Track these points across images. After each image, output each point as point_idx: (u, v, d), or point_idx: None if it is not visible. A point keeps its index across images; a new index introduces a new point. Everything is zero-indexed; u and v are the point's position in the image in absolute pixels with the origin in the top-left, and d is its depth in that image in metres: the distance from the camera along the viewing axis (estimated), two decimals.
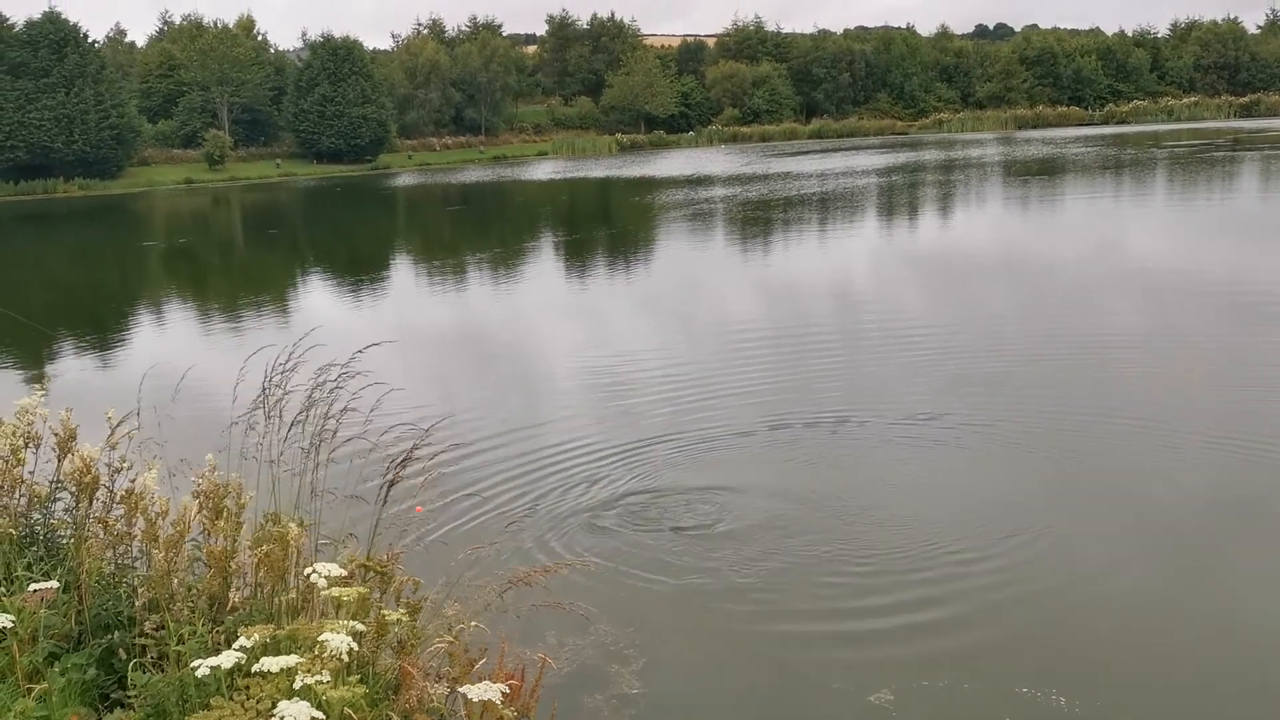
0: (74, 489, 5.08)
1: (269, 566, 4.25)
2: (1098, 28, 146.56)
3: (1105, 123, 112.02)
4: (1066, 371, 13.54)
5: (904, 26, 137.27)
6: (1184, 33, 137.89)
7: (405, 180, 73.17)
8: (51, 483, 5.28)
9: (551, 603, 5.82)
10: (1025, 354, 14.65)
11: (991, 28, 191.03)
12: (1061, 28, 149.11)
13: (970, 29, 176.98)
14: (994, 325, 16.82)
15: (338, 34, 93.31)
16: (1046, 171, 49.41)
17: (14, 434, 5.20)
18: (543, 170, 75.93)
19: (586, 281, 24.87)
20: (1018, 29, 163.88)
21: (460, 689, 3.52)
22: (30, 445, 5.26)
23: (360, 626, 3.59)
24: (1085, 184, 42.77)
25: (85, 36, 76.85)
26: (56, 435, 5.09)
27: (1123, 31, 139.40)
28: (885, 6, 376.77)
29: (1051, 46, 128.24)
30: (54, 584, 4.54)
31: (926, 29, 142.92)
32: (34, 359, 17.68)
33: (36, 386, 5.58)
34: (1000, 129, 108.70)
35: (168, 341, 19.29)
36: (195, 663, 3.49)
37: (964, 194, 41.36)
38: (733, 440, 11.10)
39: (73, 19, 76.34)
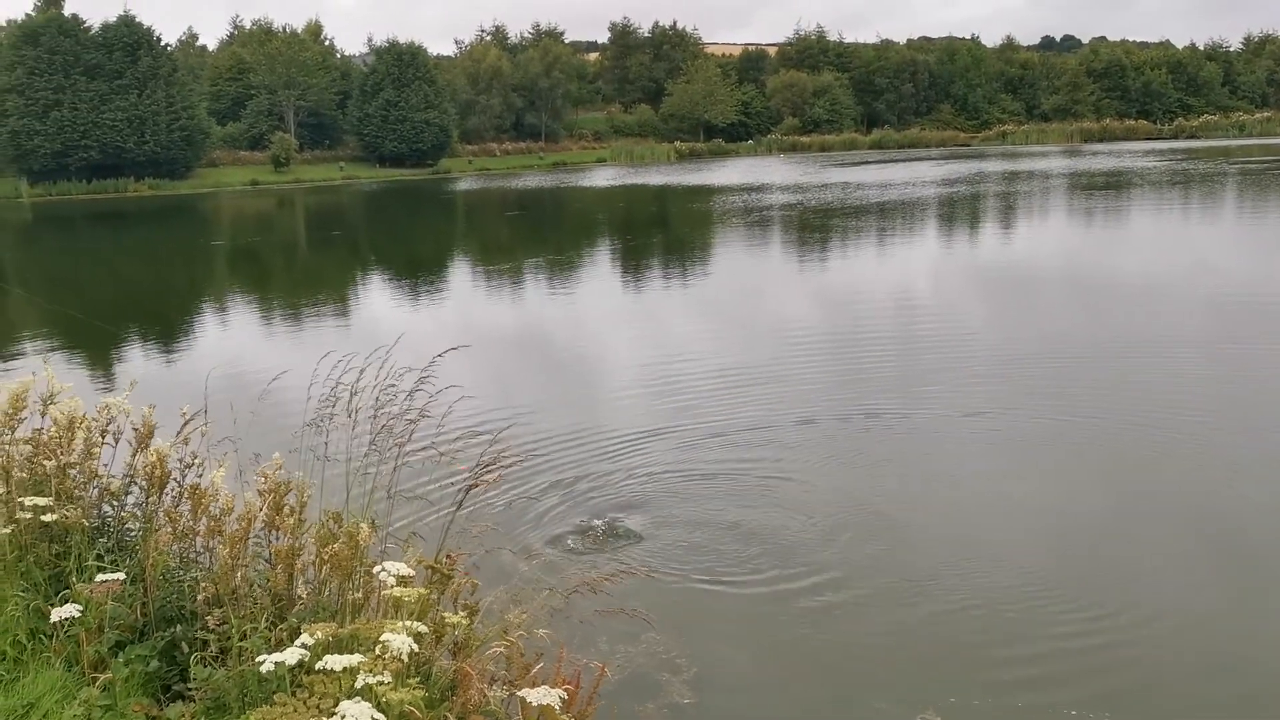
0: (144, 483, 5.18)
1: (336, 565, 4.29)
2: (1168, 40, 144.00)
3: (1174, 137, 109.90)
4: (1131, 381, 13.31)
5: (969, 37, 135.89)
6: (1258, 46, 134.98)
7: (465, 185, 73.87)
8: (124, 476, 5.40)
9: (613, 609, 5.81)
10: (1090, 362, 14.47)
11: (1058, 39, 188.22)
12: (1130, 40, 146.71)
13: (1036, 40, 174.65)
14: (1058, 334, 16.56)
15: (403, 40, 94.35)
16: (1113, 185, 48.58)
17: (91, 428, 5.32)
18: (601, 177, 76.20)
19: (643, 286, 24.90)
20: (1085, 41, 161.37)
21: (519, 692, 3.53)
22: (106, 439, 5.38)
23: (421, 627, 3.61)
24: (1153, 198, 42.02)
25: (158, 40, 78.48)
26: (136, 430, 5.20)
27: (1194, 45, 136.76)
28: (951, 18, 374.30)
29: (1120, 59, 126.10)
30: (120, 575, 4.64)
31: (992, 40, 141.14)
32: (104, 354, 18.09)
33: (125, 386, 5.70)
34: (1065, 142, 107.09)
35: (234, 339, 19.62)
36: (260, 658, 3.53)
37: (1027, 206, 40.80)
38: (788, 449, 11.03)
39: (147, 23, 78.09)
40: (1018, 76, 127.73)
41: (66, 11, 78.43)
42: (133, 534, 5.38)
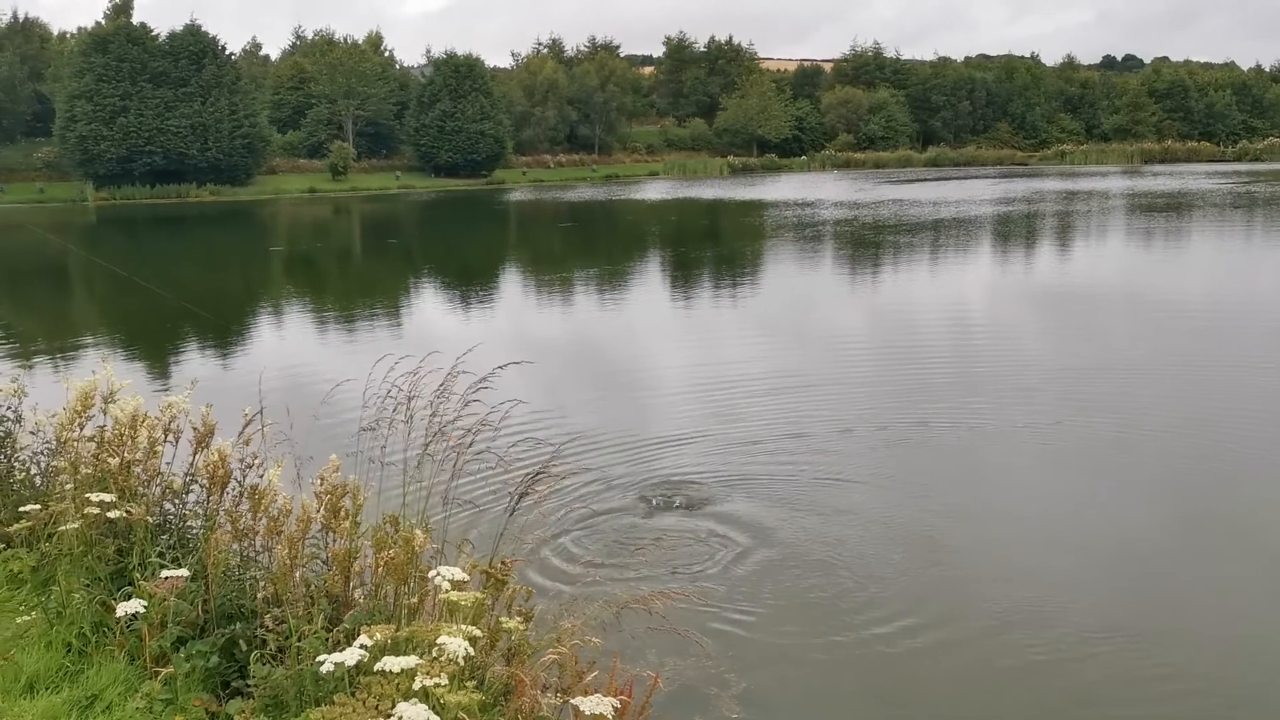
0: (206, 482, 5.28)
1: (392, 570, 4.34)
2: (1232, 62, 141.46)
3: (1238, 160, 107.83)
4: (1193, 401, 13.11)
5: (1028, 56, 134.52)
6: None
7: (518, 196, 74.40)
8: (185, 475, 5.50)
9: (667, 628, 5.81)
10: (1150, 380, 14.31)
11: (1120, 59, 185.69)
12: (1194, 60, 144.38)
13: (1097, 60, 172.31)
14: (1116, 351, 16.35)
15: (461, 52, 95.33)
16: (1174, 207, 47.80)
17: (154, 427, 5.43)
18: (653, 190, 76.37)
19: (695, 297, 24.89)
20: (1147, 61, 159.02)
21: (572, 700, 3.54)
22: (169, 438, 5.48)
23: (476, 632, 3.64)
24: (1216, 220, 41.29)
25: (223, 49, 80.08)
26: (196, 429, 5.30)
27: (1259, 66, 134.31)
28: (1011, 36, 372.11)
29: (1183, 80, 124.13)
30: (184, 572, 4.73)
31: (1052, 59, 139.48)
32: (163, 355, 18.44)
33: (186, 386, 5.82)
34: (1126, 162, 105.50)
35: (292, 343, 19.90)
36: (320, 658, 3.58)
37: (1085, 225, 40.25)
38: (839, 464, 10.95)
39: (212, 32, 79.76)
40: (1077, 95, 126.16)
41: (135, 20, 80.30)
42: (194, 532, 5.48)
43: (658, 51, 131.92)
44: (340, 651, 3.62)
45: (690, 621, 6.85)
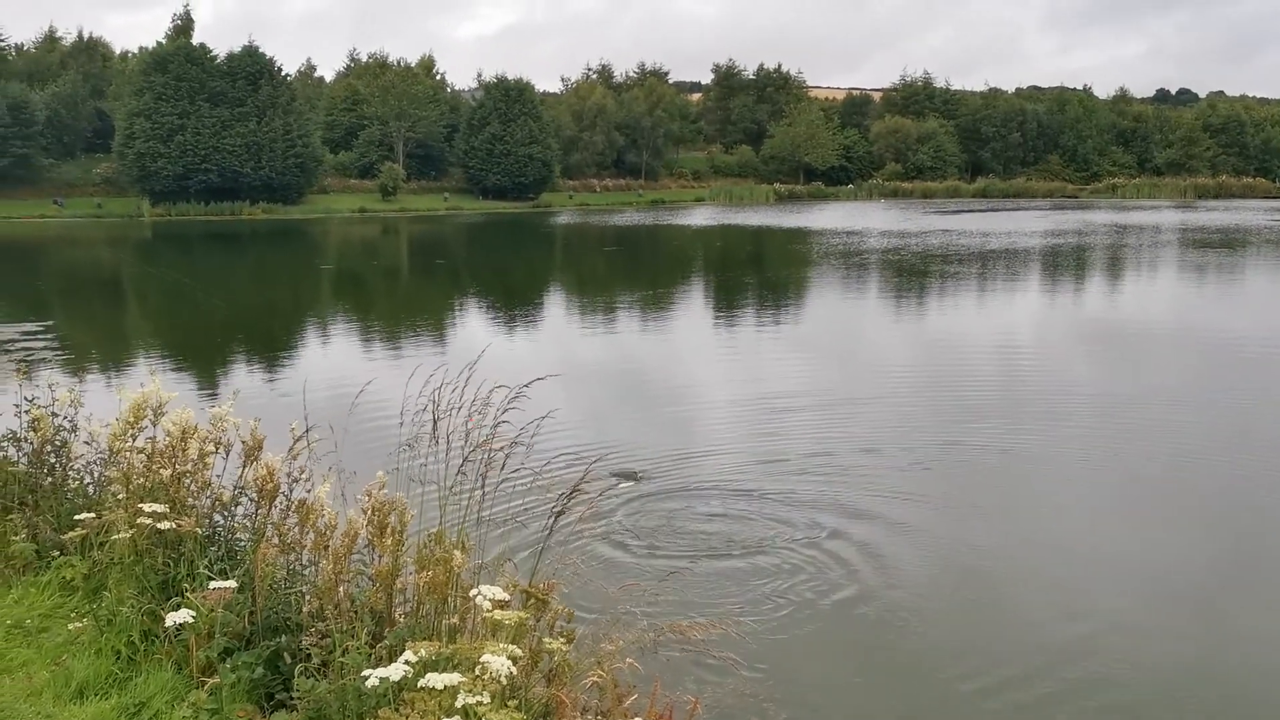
0: (255, 495, 5.35)
1: (433, 588, 4.37)
2: None
3: None
4: (1245, 434, 12.89)
5: (1080, 88, 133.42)
6: None
7: (565, 219, 74.87)
8: (235, 487, 5.58)
9: (701, 660, 5.79)
10: (1202, 413, 14.08)
11: (1174, 93, 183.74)
12: (1250, 96, 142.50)
13: (1151, 93, 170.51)
14: (1164, 385, 16.09)
15: (513, 77, 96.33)
16: (1228, 244, 47.10)
17: (204, 439, 5.52)
18: (699, 216, 76.52)
19: (737, 322, 24.87)
20: (1202, 95, 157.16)
21: None
22: (218, 450, 5.57)
23: (518, 651, 3.66)
24: (1271, 256, 40.64)
25: (279, 70, 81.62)
26: (245, 443, 5.37)
27: None
28: (1064, 67, 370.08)
29: (1239, 114, 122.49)
30: (232, 584, 4.80)
31: (1105, 91, 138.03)
32: (211, 369, 18.71)
33: (230, 398, 5.91)
34: (1179, 197, 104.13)
35: (337, 359, 20.11)
36: (366, 672, 3.61)
37: (1135, 259, 39.76)
38: (883, 492, 10.86)
39: (269, 53, 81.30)
40: (1130, 129, 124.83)
41: (195, 41, 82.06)
42: (242, 544, 5.55)
43: (706, 78, 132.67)
44: (382, 667, 3.65)
45: (730, 649, 6.82)
